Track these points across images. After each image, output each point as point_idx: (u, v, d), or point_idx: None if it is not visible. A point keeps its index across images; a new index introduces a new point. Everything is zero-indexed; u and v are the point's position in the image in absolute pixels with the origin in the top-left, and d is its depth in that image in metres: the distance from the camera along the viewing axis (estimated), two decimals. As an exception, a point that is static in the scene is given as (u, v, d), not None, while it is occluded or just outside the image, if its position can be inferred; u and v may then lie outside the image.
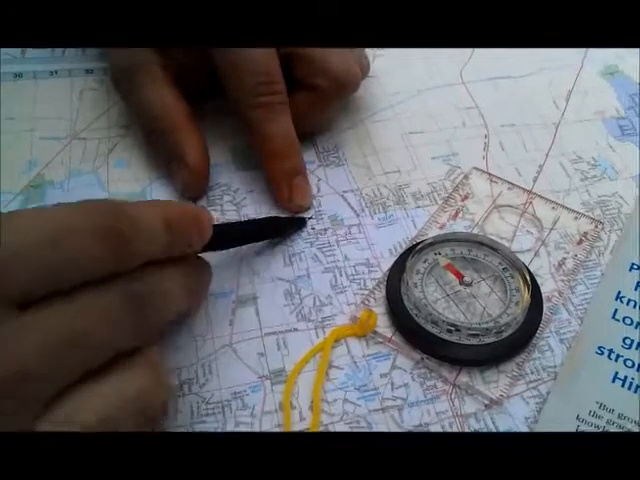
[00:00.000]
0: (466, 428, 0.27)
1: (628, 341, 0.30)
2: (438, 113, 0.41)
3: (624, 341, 0.30)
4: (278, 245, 0.33)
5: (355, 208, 0.35)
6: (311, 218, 0.34)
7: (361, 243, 0.33)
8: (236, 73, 0.33)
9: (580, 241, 0.34)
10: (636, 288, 0.32)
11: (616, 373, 0.28)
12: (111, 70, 0.37)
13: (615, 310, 0.31)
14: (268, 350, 0.29)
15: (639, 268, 0.32)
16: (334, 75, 0.34)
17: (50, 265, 0.20)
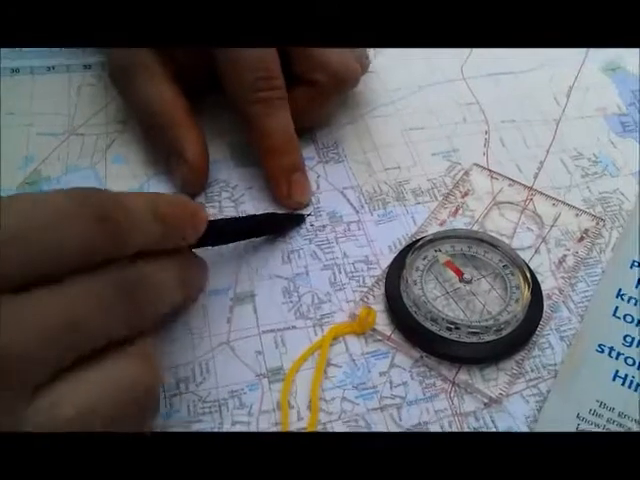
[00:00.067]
0: (465, 427, 0.27)
1: (629, 339, 0.29)
2: (439, 109, 0.40)
3: (625, 339, 0.29)
4: (276, 242, 0.33)
5: (354, 205, 0.35)
6: (310, 215, 0.34)
7: (360, 240, 0.33)
8: (235, 68, 0.33)
9: (581, 238, 0.33)
10: (637, 285, 0.31)
11: (617, 371, 0.28)
12: (109, 66, 0.37)
13: (616, 308, 0.31)
14: (266, 348, 0.29)
15: (640, 265, 0.32)
16: (333, 70, 0.34)
17: (45, 249, 0.20)
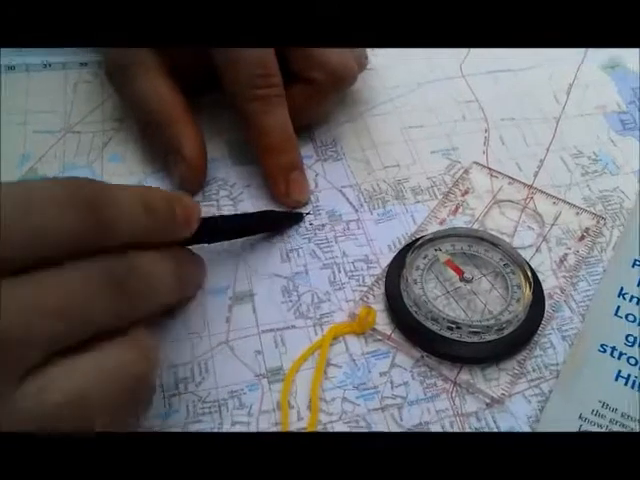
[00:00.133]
0: (467, 427, 0.27)
1: (631, 338, 0.29)
2: (438, 107, 0.40)
3: (627, 338, 0.29)
4: (275, 241, 0.33)
5: (354, 203, 0.35)
6: (309, 213, 0.34)
7: (360, 239, 0.33)
8: (232, 66, 0.32)
9: (582, 237, 0.33)
10: (639, 284, 0.31)
11: (619, 371, 0.28)
12: (105, 63, 0.36)
13: (617, 307, 0.30)
14: (265, 348, 0.29)
15: (642, 264, 0.32)
16: (331, 69, 0.34)
17: (30, 233, 0.20)
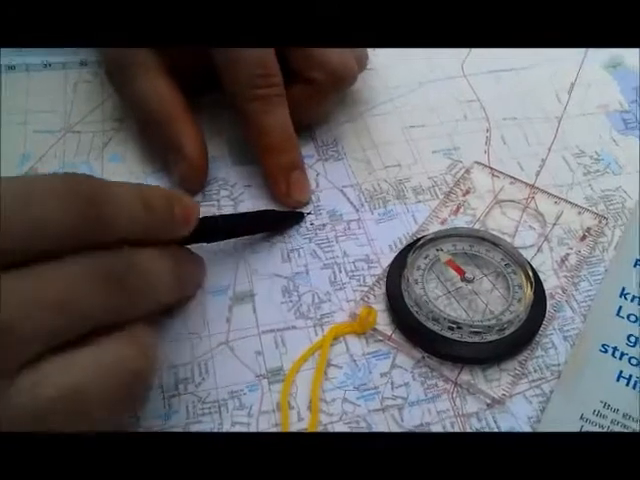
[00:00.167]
0: (468, 428, 0.26)
1: (632, 339, 0.29)
2: (439, 106, 0.40)
3: (628, 339, 0.29)
4: (276, 241, 0.32)
5: (354, 203, 0.34)
6: (310, 213, 0.34)
7: (360, 239, 0.33)
8: (232, 65, 0.32)
9: (583, 237, 0.33)
10: (641, 284, 0.31)
11: (620, 372, 0.28)
12: (105, 63, 0.36)
13: (619, 307, 0.30)
14: (265, 348, 0.28)
15: (644, 264, 0.32)
16: (331, 69, 0.34)
17: (29, 225, 0.20)
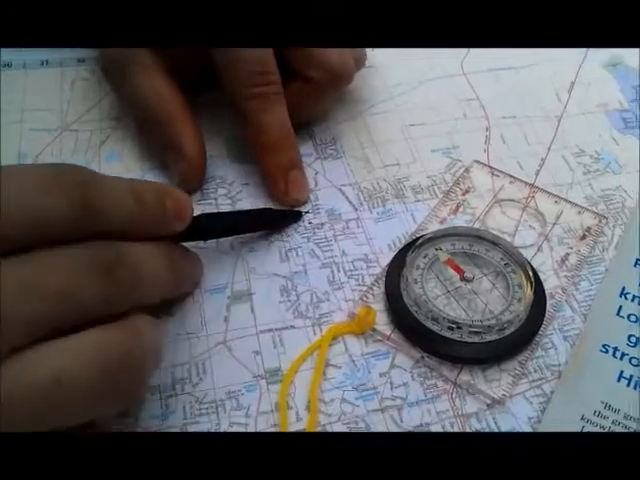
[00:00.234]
0: (467, 428, 0.26)
1: (633, 339, 0.29)
2: (439, 105, 0.40)
3: (629, 339, 0.29)
4: (274, 240, 0.32)
5: (353, 202, 0.34)
6: (308, 212, 0.34)
7: (359, 238, 0.33)
8: (230, 64, 0.32)
9: (583, 236, 0.33)
10: (641, 284, 0.31)
11: (621, 372, 0.28)
12: (102, 60, 0.36)
13: (619, 307, 0.30)
14: (264, 348, 0.28)
15: (644, 264, 0.32)
16: (329, 67, 0.33)
17: (18, 213, 0.20)
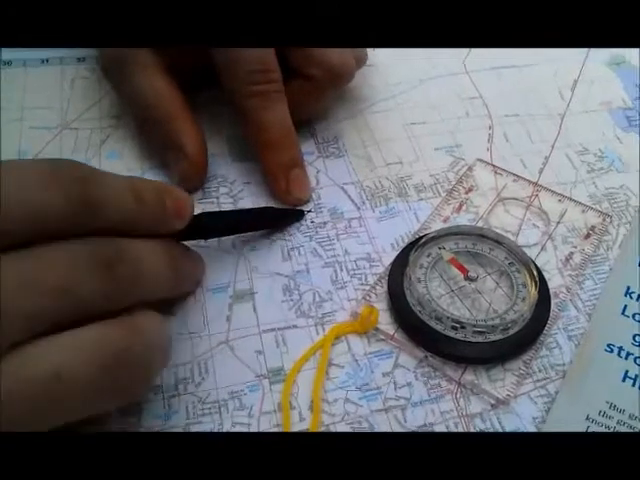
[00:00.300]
0: (472, 428, 0.26)
1: (638, 338, 0.29)
2: (441, 103, 0.39)
3: (634, 338, 0.29)
4: (276, 239, 0.32)
5: (355, 201, 0.34)
6: (310, 211, 0.33)
7: (362, 237, 0.32)
8: (231, 62, 0.32)
9: (588, 235, 0.33)
10: (646, 283, 0.31)
11: (626, 372, 0.28)
12: (101, 59, 0.36)
13: (624, 306, 0.30)
14: (266, 348, 0.28)
15: (649, 263, 0.31)
16: (329, 66, 0.33)
17: (17, 208, 0.20)
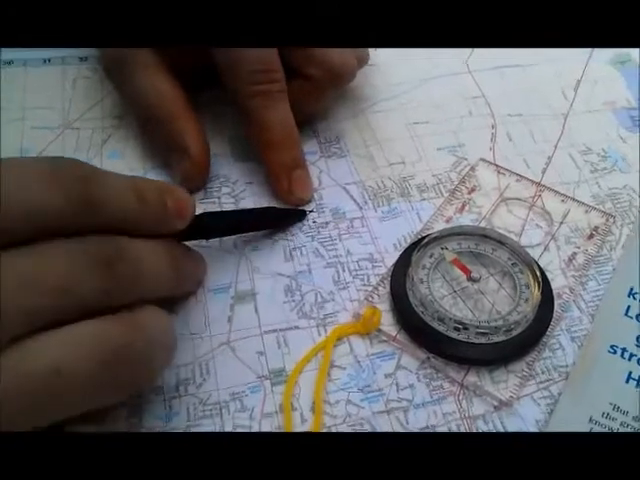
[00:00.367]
0: (474, 430, 0.26)
1: (642, 339, 0.29)
2: (444, 103, 0.39)
3: (637, 339, 0.29)
4: (278, 239, 0.32)
5: (358, 201, 0.34)
6: (312, 211, 0.33)
7: (364, 237, 0.32)
8: (233, 61, 0.32)
9: (591, 235, 0.33)
10: (649, 284, 0.30)
11: (630, 373, 0.27)
12: (103, 59, 0.36)
13: (628, 307, 0.30)
14: (268, 349, 0.28)
15: (652, 263, 0.31)
16: (330, 66, 0.33)
17: (18, 206, 0.20)
